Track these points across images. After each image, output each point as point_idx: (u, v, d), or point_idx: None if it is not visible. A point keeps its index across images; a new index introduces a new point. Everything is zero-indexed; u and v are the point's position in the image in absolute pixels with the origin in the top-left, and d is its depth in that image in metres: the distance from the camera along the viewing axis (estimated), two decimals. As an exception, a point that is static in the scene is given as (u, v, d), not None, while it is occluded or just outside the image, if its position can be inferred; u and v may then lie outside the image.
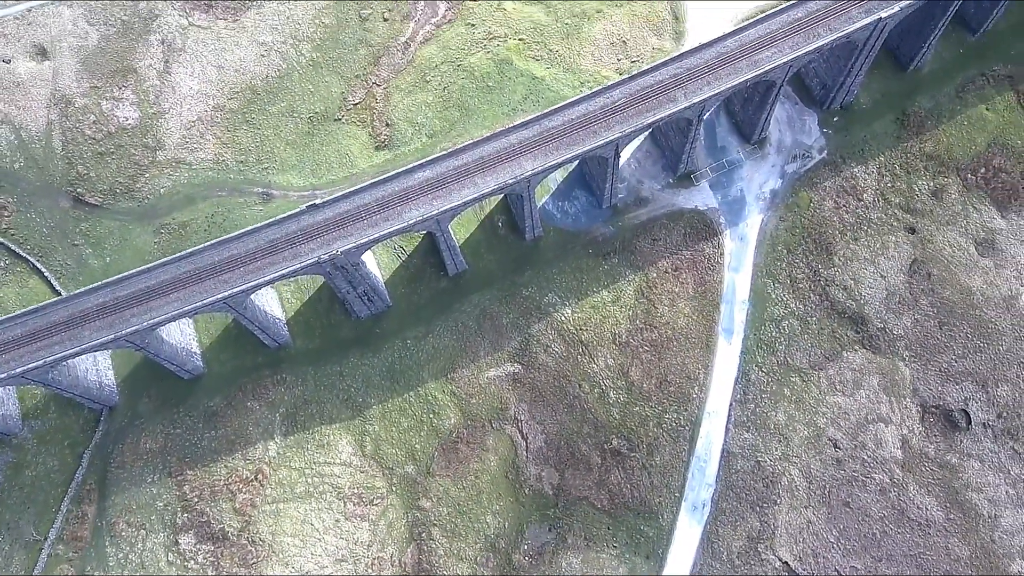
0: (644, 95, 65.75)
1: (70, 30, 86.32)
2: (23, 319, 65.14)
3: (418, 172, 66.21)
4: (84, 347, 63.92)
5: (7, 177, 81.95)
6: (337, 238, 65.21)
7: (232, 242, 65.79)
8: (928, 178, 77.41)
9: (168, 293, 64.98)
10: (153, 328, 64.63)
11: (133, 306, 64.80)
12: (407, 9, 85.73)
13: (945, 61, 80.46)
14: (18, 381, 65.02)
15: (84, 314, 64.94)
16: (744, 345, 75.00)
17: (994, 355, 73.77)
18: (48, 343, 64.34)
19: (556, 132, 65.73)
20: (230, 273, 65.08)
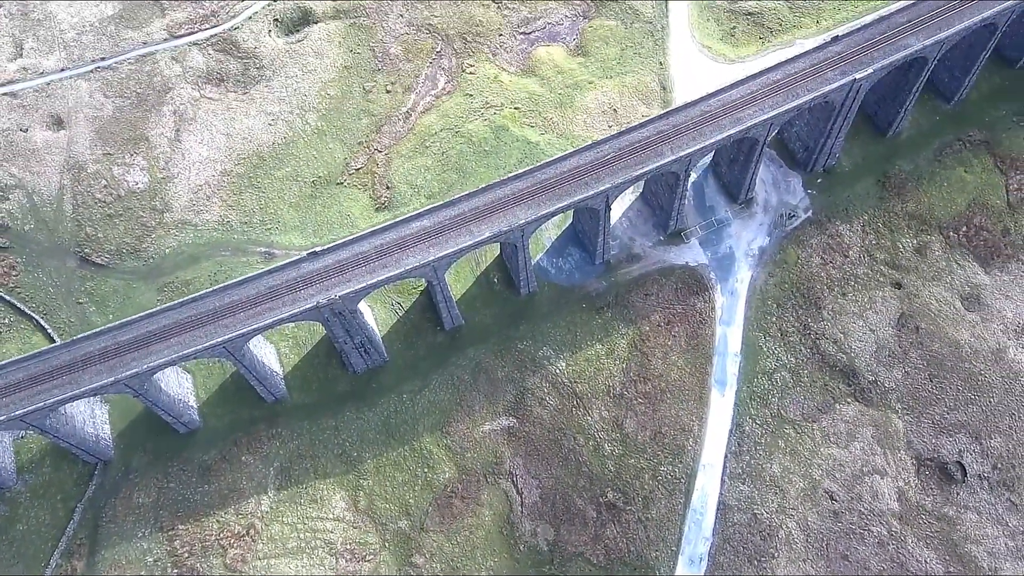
0: (633, 149, 69.06)
1: (87, 101, 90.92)
2: (26, 363, 66.49)
3: (415, 221, 68.85)
4: (84, 390, 65.00)
5: (18, 238, 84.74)
6: (336, 284, 67.23)
7: (233, 288, 67.81)
8: (911, 236, 79.99)
9: (169, 338, 66.52)
10: (153, 371, 65.87)
11: (134, 350, 66.22)
12: (409, 82, 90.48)
13: (922, 127, 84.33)
14: (18, 425, 65.78)
15: (86, 358, 66.31)
16: (737, 397, 75.83)
17: (985, 407, 74.49)
18: (49, 387, 65.45)
19: (549, 184, 68.71)
20: (230, 318, 66.81)
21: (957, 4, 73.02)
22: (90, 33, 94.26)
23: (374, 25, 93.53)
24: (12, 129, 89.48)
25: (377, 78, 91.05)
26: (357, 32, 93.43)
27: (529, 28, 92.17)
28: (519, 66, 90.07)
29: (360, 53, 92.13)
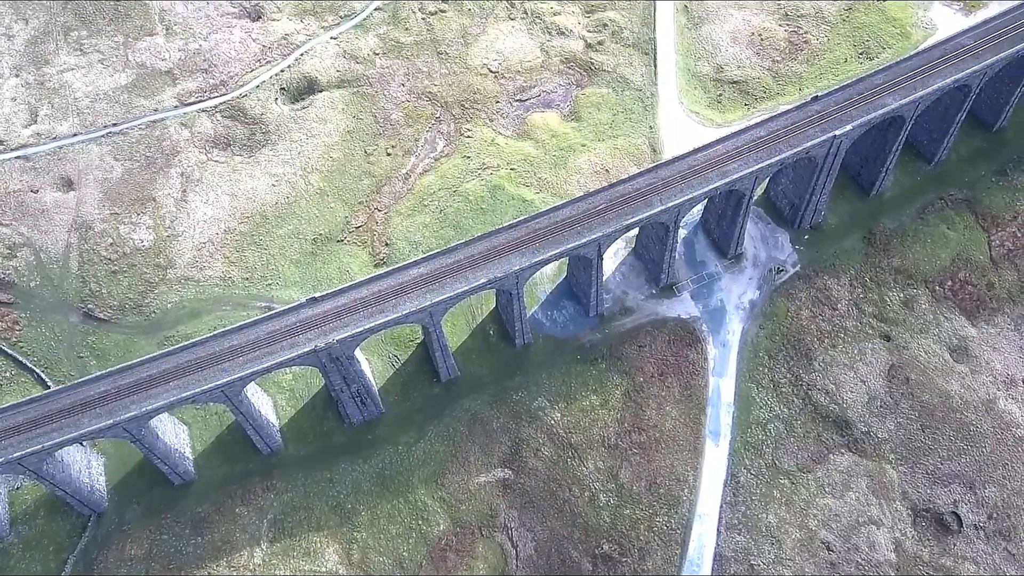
0: (623, 200, 71.72)
1: (97, 164, 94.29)
2: (26, 407, 67.40)
3: (413, 268, 70.93)
4: (82, 433, 65.74)
5: (23, 294, 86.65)
6: (334, 329, 68.74)
7: (233, 333, 69.32)
8: (898, 289, 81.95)
9: (168, 381, 67.65)
10: (151, 415, 66.75)
11: (134, 394, 67.22)
12: (409, 145, 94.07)
13: (905, 187, 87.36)
14: (14, 468, 66.25)
15: (86, 401, 67.26)
16: (731, 447, 76.36)
17: (978, 457, 74.99)
18: (49, 430, 66.16)
19: (543, 232, 71.06)
20: (229, 363, 68.05)
21: (931, 66, 76.81)
22: (103, 101, 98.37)
23: (376, 93, 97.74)
24: (23, 190, 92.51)
25: (379, 142, 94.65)
26: (360, 100, 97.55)
27: (525, 96, 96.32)
28: (515, 130, 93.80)
29: (363, 119, 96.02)
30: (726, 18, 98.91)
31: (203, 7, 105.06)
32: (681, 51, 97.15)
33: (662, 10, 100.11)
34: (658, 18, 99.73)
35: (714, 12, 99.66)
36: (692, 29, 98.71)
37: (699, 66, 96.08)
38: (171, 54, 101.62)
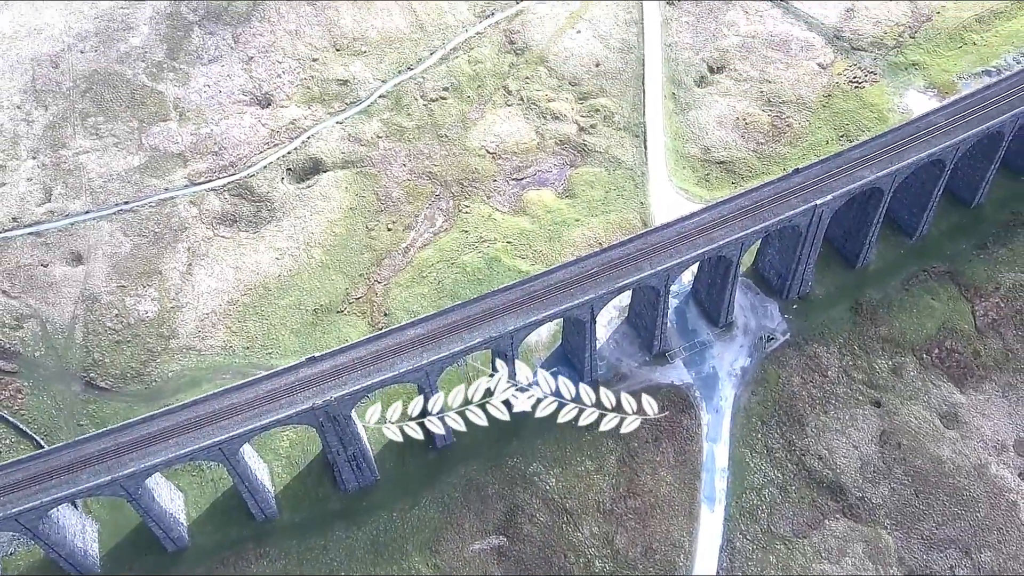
0: (614, 264, 74.48)
1: (107, 240, 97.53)
2: (26, 464, 68.25)
3: (410, 329, 73.02)
4: (80, 489, 66.47)
5: (27, 364, 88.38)
6: (332, 388, 70.24)
7: (232, 392, 70.87)
8: (886, 357, 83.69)
9: (167, 440, 68.70)
10: (149, 472, 67.55)
11: (133, 451, 68.18)
12: (409, 221, 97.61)
13: (889, 260, 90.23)
14: (12, 525, 66.57)
15: (85, 459, 68.14)
16: (727, 513, 76.58)
17: (973, 522, 75.15)
18: (47, 487, 66.79)
19: (537, 295, 73.48)
20: (228, 420, 69.28)
21: (905, 142, 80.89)
22: (116, 181, 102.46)
23: (379, 173, 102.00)
24: (33, 265, 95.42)
25: (380, 218, 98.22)
26: (363, 179, 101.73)
27: (521, 175, 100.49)
28: (511, 207, 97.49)
29: (365, 197, 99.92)
30: (712, 104, 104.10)
31: (216, 95, 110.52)
32: (670, 134, 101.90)
33: (651, 97, 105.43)
34: (647, 104, 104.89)
35: (700, 99, 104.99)
36: (680, 114, 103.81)
37: (687, 148, 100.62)
38: (183, 138, 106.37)
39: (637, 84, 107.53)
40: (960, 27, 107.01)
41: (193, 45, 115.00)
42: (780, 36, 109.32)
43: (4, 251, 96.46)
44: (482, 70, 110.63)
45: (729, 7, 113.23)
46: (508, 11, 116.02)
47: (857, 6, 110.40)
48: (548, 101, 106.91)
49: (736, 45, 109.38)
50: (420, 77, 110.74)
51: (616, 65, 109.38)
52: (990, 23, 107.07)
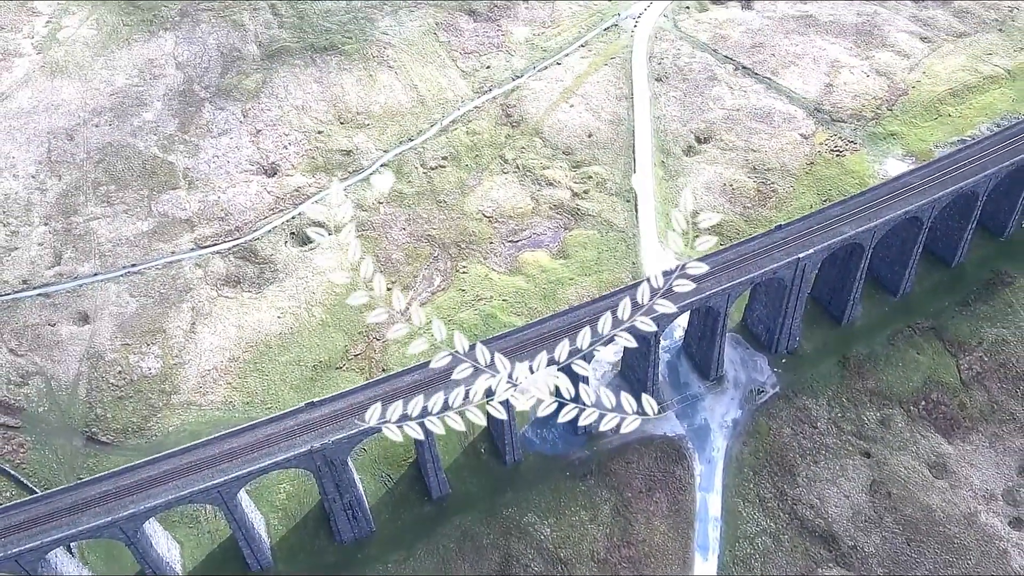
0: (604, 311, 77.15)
1: (113, 300, 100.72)
2: (27, 507, 69.69)
3: (408, 376, 75.37)
4: (80, 530, 67.72)
5: (31, 419, 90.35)
6: (331, 432, 72.21)
7: (231, 437, 72.79)
8: (874, 409, 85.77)
9: (167, 482, 70.28)
10: (148, 514, 68.92)
11: (133, 494, 69.69)
12: (407, 281, 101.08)
13: (874, 317, 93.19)
14: (12, 567, 67.50)
15: (86, 502, 69.59)
16: (720, 561, 77.39)
17: (965, 569, 75.93)
18: (48, 528, 68.07)
19: (531, 342, 76.10)
20: (227, 464, 71.00)
21: (882, 201, 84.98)
22: (125, 245, 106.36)
23: (379, 236, 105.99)
24: (41, 324, 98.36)
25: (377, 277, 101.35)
26: (364, 242, 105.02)
27: (517, 238, 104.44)
28: (507, 267, 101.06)
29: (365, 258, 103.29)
30: (700, 172, 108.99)
31: (224, 165, 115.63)
32: (659, 198, 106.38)
33: (641, 165, 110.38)
34: (637, 170, 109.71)
35: (688, 167, 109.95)
36: (669, 180, 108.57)
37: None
38: (191, 205, 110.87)
39: (628, 153, 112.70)
40: (935, 100, 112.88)
41: (204, 119, 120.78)
42: (763, 109, 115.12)
43: (13, 312, 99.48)
44: (479, 141, 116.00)
45: (714, 83, 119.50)
46: (505, 87, 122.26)
47: (836, 82, 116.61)
48: (543, 169, 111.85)
49: (722, 117, 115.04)
50: (420, 147, 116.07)
51: (607, 136, 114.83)
52: (964, 97, 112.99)
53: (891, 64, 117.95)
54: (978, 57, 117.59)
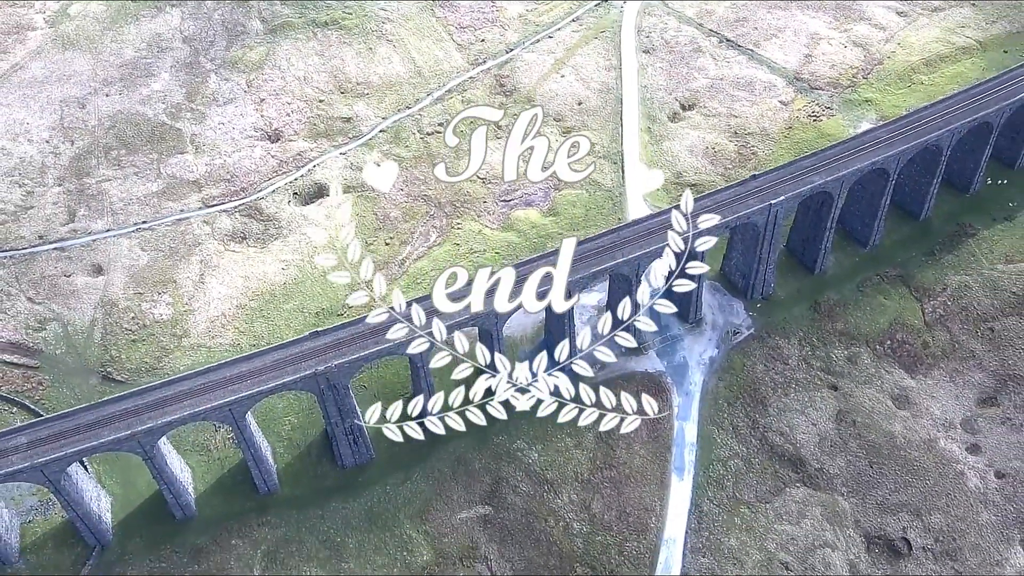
0: (592, 254, 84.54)
1: (125, 254, 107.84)
2: (52, 423, 76.75)
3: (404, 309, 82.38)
4: (102, 443, 74.73)
5: (49, 360, 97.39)
6: (333, 358, 79.31)
7: (242, 361, 79.92)
8: (842, 348, 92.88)
9: (183, 400, 77.37)
10: (165, 429, 75.97)
11: (151, 410, 76.75)
12: (405, 237, 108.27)
13: (845, 267, 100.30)
14: (37, 476, 74.46)
15: (109, 417, 76.63)
16: (695, 481, 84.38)
17: (923, 489, 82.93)
18: (72, 442, 75.07)
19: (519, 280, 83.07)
20: (238, 385, 78.11)
21: (851, 153, 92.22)
22: (136, 204, 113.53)
23: (378, 196, 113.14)
24: (57, 275, 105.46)
25: (378, 234, 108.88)
26: (363, 201, 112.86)
27: (509, 197, 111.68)
28: (500, 224, 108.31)
29: (365, 216, 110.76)
30: (683, 137, 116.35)
31: (229, 132, 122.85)
32: (645, 161, 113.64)
33: (628, 131, 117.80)
34: (625, 137, 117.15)
35: (673, 132, 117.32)
36: (654, 144, 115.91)
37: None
38: (198, 168, 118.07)
39: (616, 119, 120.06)
40: (909, 69, 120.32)
41: (209, 89, 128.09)
42: (745, 78, 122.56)
43: (30, 264, 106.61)
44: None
45: (699, 55, 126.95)
46: (499, 59, 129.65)
47: (815, 53, 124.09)
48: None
49: (705, 86, 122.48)
50: (417, 115, 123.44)
51: (596, 104, 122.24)
52: (936, 66, 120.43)
53: (868, 36, 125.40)
54: (951, 30, 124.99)
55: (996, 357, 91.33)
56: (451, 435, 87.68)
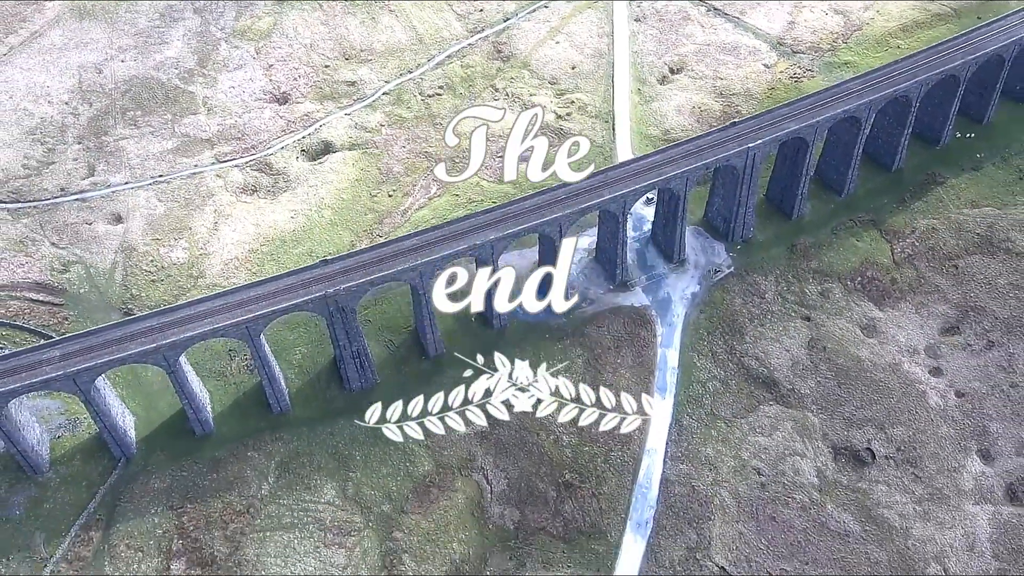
0: (581, 192, 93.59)
1: (143, 205, 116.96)
2: (83, 338, 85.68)
3: (407, 240, 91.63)
4: (129, 354, 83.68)
5: (73, 298, 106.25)
6: (342, 283, 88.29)
7: (257, 286, 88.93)
8: (816, 284, 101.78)
9: (203, 319, 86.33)
10: (187, 343, 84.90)
11: (174, 327, 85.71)
12: (407, 189, 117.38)
13: (820, 213, 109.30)
14: (69, 385, 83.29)
15: (135, 334, 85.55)
16: (676, 400, 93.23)
17: (887, 405, 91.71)
18: (100, 355, 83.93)
19: (513, 215, 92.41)
20: (253, 305, 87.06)
21: (825, 102, 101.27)
22: (152, 160, 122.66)
23: (382, 153, 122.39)
24: (79, 223, 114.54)
25: (382, 187, 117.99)
26: (368, 157, 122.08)
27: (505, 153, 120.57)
28: (496, 177, 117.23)
29: (369, 171, 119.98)
30: (671, 97, 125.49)
31: (240, 95, 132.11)
32: (635, 120, 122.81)
33: (619, 92, 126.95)
34: (616, 98, 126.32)
35: (661, 93, 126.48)
36: (643, 104, 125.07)
37: (649, 130, 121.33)
38: (211, 127, 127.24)
39: (607, 82, 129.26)
40: (886, 35, 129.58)
41: (220, 56, 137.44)
42: (731, 44, 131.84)
43: (53, 213, 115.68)
44: (473, 72, 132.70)
45: (688, 23, 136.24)
46: (496, 27, 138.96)
47: (798, 20, 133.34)
48: (530, 96, 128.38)
49: (693, 51, 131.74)
50: (419, 79, 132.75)
51: (589, 68, 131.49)
52: (912, 31, 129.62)
53: (848, 4, 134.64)
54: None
55: (959, 291, 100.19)
56: (450, 363, 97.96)
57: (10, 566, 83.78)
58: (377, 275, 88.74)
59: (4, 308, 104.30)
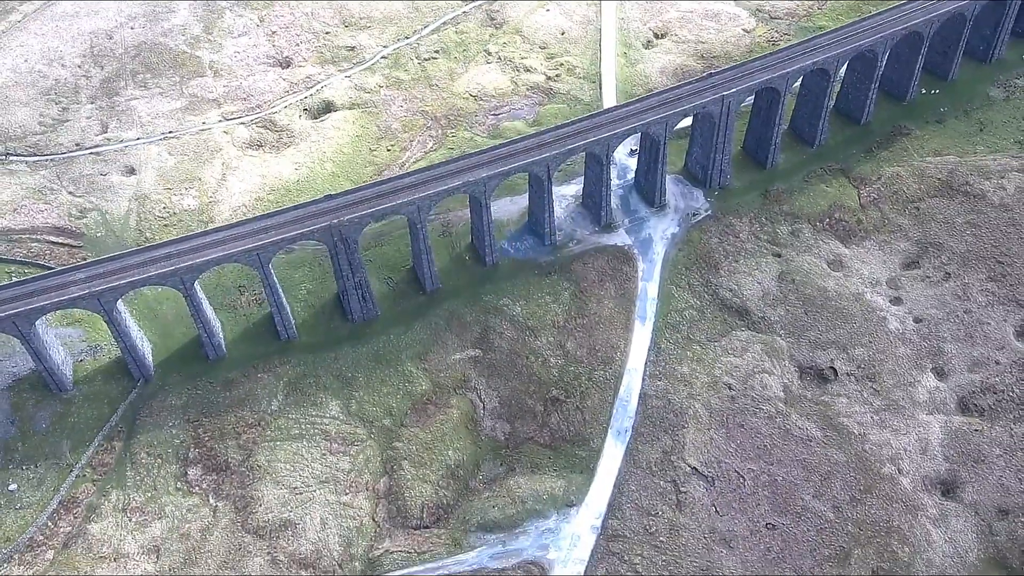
0: (568, 136, 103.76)
1: (155, 158, 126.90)
2: (106, 263, 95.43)
3: (407, 178, 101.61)
4: (150, 276, 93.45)
5: (91, 240, 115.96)
6: (345, 214, 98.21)
7: (266, 218, 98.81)
8: (787, 224, 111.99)
9: (217, 247, 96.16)
10: (203, 267, 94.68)
11: (190, 253, 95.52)
12: (404, 144, 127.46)
13: (793, 163, 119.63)
14: (94, 304, 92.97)
15: (154, 259, 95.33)
16: (654, 326, 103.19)
17: (850, 330, 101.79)
18: (123, 277, 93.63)
19: (505, 155, 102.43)
20: (263, 235, 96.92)
21: (796, 56, 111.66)
22: (162, 118, 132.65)
23: (380, 112, 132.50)
24: (95, 174, 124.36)
25: (380, 143, 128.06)
26: (367, 116, 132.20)
27: (498, 112, 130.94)
28: (489, 133, 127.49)
29: (368, 128, 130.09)
30: (656, 60, 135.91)
31: (244, 59, 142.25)
32: (620, 80, 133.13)
33: (606, 56, 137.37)
34: (603, 61, 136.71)
35: (647, 57, 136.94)
36: (629, 67, 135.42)
37: (634, 90, 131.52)
38: (217, 89, 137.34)
39: (595, 47, 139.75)
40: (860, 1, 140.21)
41: (225, 23, 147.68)
42: (713, 11, 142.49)
43: (70, 165, 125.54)
44: (467, 38, 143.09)
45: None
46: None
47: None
48: (522, 59, 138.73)
49: (677, 18, 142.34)
50: (415, 44, 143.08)
51: (578, 34, 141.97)
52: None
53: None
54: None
55: (920, 230, 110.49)
56: (446, 297, 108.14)
57: (38, 471, 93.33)
58: (378, 208, 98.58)
59: (26, 249, 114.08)
